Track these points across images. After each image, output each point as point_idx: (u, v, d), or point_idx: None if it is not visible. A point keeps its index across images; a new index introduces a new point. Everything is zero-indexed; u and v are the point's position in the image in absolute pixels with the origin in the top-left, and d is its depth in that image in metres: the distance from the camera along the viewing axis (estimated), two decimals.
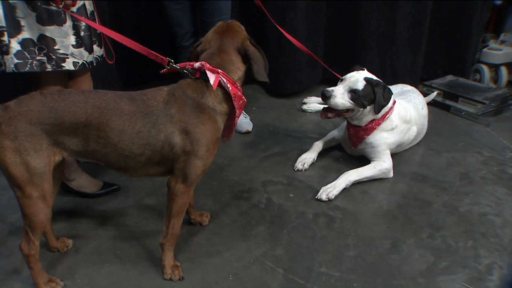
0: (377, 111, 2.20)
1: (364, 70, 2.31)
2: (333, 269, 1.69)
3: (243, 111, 2.81)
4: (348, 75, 2.27)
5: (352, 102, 2.19)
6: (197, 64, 1.48)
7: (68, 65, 1.71)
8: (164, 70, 1.55)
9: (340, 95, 2.20)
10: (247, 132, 2.84)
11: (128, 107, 1.44)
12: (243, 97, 1.54)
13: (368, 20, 3.34)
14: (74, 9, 1.70)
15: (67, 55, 1.70)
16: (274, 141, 2.76)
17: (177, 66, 1.52)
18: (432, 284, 1.62)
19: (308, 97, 3.31)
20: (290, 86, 3.43)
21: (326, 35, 3.46)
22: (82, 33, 1.73)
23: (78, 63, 1.74)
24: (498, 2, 3.68)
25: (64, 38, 1.68)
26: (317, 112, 3.15)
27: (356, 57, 3.40)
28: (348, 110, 2.25)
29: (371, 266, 1.71)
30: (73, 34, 1.69)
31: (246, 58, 1.54)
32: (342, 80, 2.28)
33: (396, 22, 3.34)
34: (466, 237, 1.87)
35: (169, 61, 1.52)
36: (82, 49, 1.75)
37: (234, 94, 1.48)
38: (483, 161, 2.52)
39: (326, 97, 2.20)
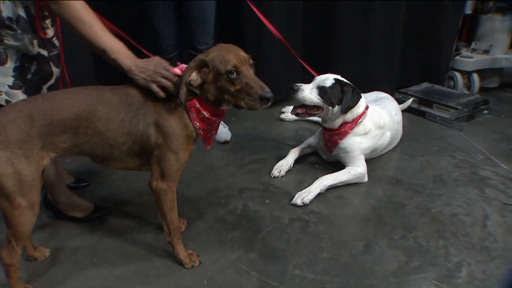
0: (343, 111, 2.26)
1: (338, 75, 2.38)
2: (307, 271, 1.72)
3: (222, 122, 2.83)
4: (320, 75, 2.37)
5: (319, 98, 2.26)
6: (183, 64, 1.53)
7: (0, 100, 1.62)
8: None
9: (308, 90, 2.28)
10: (226, 142, 2.88)
11: (112, 97, 1.50)
12: (207, 114, 1.52)
13: (344, 29, 3.43)
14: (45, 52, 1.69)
15: (1, 92, 1.61)
16: (252, 149, 2.80)
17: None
18: (403, 283, 1.65)
19: (286, 107, 3.37)
20: None
21: (304, 44, 3.53)
22: (28, 76, 1.65)
23: (11, 101, 1.63)
24: (469, 12, 3.82)
25: (1, 77, 1.60)
26: (295, 121, 3.21)
27: (333, 65, 3.47)
28: (318, 108, 2.31)
29: (344, 267, 1.73)
30: (12, 76, 1.61)
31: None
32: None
33: (371, 31, 3.43)
34: (438, 236, 1.92)
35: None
36: (19, 91, 1.64)
37: (190, 104, 1.51)
38: (455, 164, 2.58)
39: (294, 91, 2.28)
